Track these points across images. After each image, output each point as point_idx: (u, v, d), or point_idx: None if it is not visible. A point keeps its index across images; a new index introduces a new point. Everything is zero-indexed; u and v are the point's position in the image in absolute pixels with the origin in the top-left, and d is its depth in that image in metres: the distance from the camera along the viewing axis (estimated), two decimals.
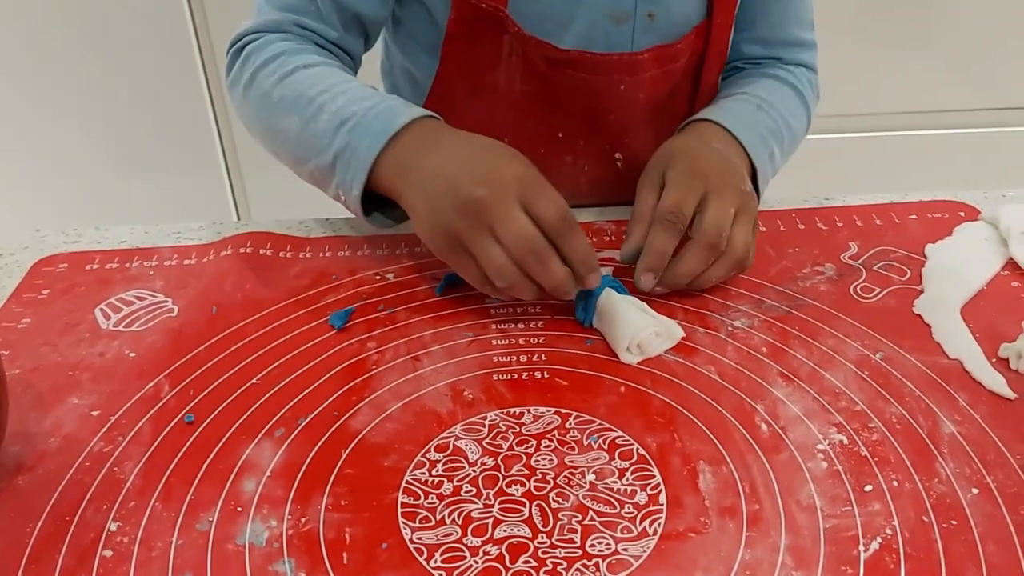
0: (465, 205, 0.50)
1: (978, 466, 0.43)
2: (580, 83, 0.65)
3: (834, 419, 0.46)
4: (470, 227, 0.50)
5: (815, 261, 0.59)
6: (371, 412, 0.48)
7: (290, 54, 0.61)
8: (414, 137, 0.55)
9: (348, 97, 0.57)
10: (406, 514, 0.42)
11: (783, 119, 0.66)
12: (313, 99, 0.57)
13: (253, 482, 0.44)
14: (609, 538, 0.40)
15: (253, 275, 0.60)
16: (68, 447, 0.46)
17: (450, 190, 0.51)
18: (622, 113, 0.67)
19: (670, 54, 0.65)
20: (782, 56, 0.72)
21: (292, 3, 0.64)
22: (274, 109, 0.60)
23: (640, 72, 0.65)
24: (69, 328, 0.55)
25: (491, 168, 0.51)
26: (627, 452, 0.45)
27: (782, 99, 0.68)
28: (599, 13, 0.63)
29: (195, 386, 0.50)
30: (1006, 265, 0.58)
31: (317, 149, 0.57)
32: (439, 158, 0.53)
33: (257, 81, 0.61)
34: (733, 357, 0.51)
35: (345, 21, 0.65)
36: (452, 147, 0.54)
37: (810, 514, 0.41)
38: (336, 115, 0.56)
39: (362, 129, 0.55)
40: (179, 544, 0.41)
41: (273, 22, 0.64)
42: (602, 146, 0.69)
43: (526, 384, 0.50)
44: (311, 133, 0.57)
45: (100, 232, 0.66)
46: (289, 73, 0.60)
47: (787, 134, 0.66)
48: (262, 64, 0.61)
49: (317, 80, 0.59)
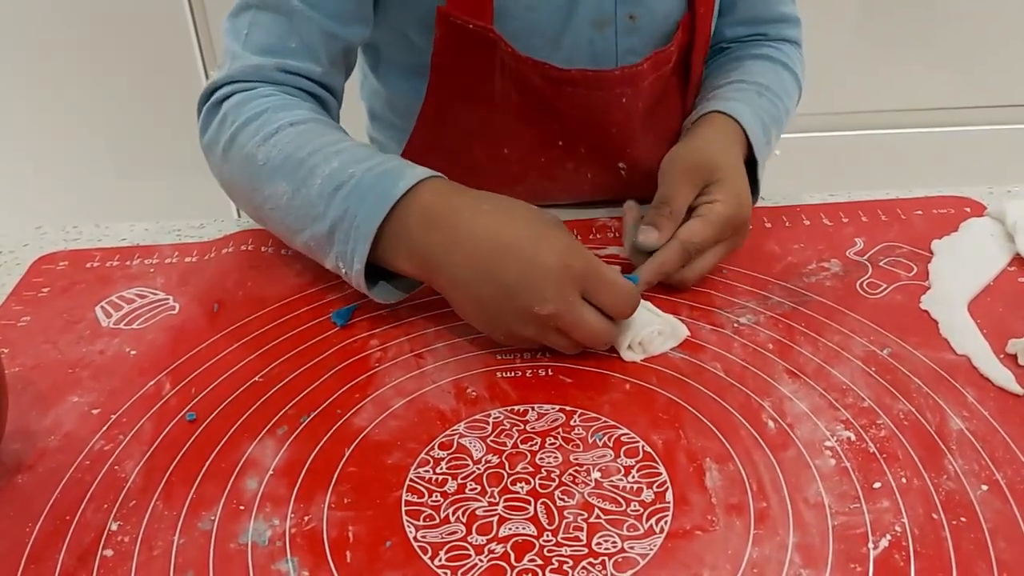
0: (532, 320, 0.48)
1: (987, 462, 0.43)
2: (579, 99, 0.64)
3: (841, 416, 0.46)
4: (539, 333, 0.49)
5: (820, 257, 0.59)
6: (374, 410, 0.47)
7: (275, 110, 0.56)
8: (420, 208, 0.50)
9: (344, 158, 0.52)
10: (410, 512, 0.41)
11: (782, 103, 0.67)
12: (304, 161, 0.52)
13: (255, 480, 0.43)
14: (615, 536, 0.40)
15: (255, 272, 0.59)
16: (68, 445, 0.46)
17: (508, 303, 0.47)
18: (623, 125, 0.66)
19: (665, 57, 0.65)
20: (767, 33, 0.71)
21: (270, 44, 0.58)
22: (259, 173, 0.54)
23: (640, 82, 0.64)
24: (69, 326, 0.55)
25: (546, 271, 0.47)
26: (633, 450, 0.45)
27: (779, 82, 0.68)
28: (583, 21, 0.62)
29: (196, 384, 0.50)
30: (1013, 260, 0.57)
31: (312, 217, 0.52)
32: (470, 253, 0.48)
33: (238, 142, 0.55)
34: (739, 354, 0.51)
35: (332, 56, 0.60)
36: (482, 232, 0.48)
37: (818, 511, 0.41)
38: (331, 178, 0.51)
39: (361, 194, 0.50)
40: (181, 543, 0.40)
41: (251, 68, 0.58)
42: (604, 156, 0.68)
43: (530, 382, 0.49)
44: (303, 199, 0.52)
45: (100, 229, 0.65)
46: (274, 132, 0.54)
47: (784, 118, 0.67)
48: (244, 123, 0.56)
49: (308, 139, 0.54)
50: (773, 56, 0.70)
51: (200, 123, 0.60)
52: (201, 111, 0.60)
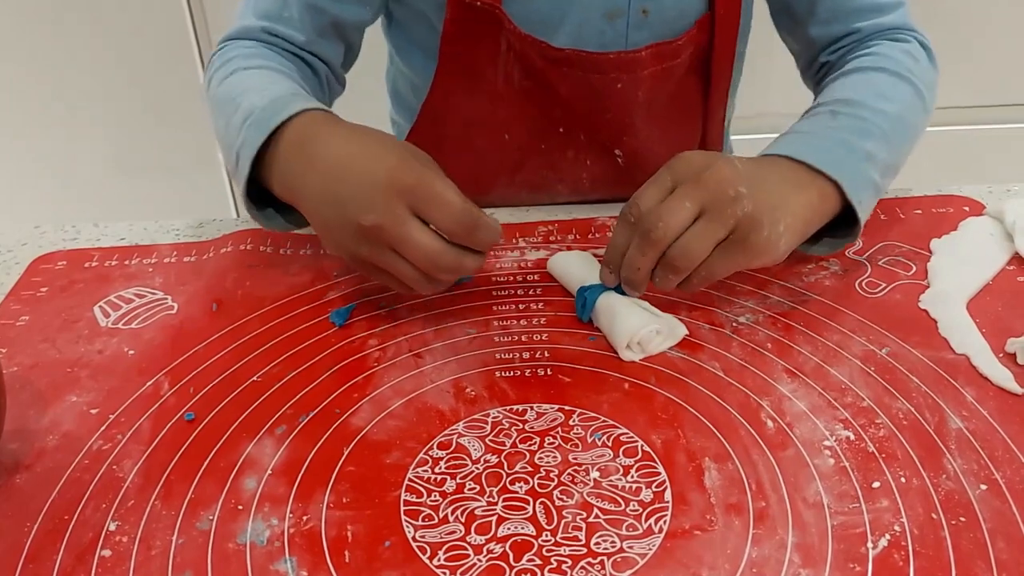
0: (360, 233, 0.48)
1: (986, 462, 0.43)
2: (577, 81, 0.64)
3: (840, 415, 0.46)
4: (372, 251, 0.49)
5: (820, 256, 0.59)
6: (373, 409, 0.47)
7: (240, 58, 0.61)
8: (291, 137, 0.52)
9: (262, 94, 0.55)
10: (409, 512, 0.41)
11: (873, 111, 0.56)
12: (234, 99, 0.57)
13: (254, 480, 0.43)
14: (614, 536, 0.40)
15: (253, 272, 0.59)
16: (67, 445, 0.46)
17: (341, 218, 0.48)
18: (620, 111, 0.66)
19: (670, 51, 0.64)
20: (859, 28, 0.64)
21: (267, 9, 0.63)
22: (213, 111, 0.60)
23: (638, 70, 0.64)
24: (68, 325, 0.55)
25: (374, 182, 0.47)
26: (631, 449, 0.45)
27: (867, 90, 0.59)
28: (593, 11, 0.63)
29: (195, 383, 0.50)
30: (1012, 259, 0.57)
31: (228, 146, 0.56)
32: (316, 177, 0.50)
33: (211, 86, 0.62)
34: (738, 353, 0.51)
35: (320, 27, 0.64)
36: (332, 154, 0.50)
37: (817, 511, 0.41)
38: (242, 112, 0.55)
39: (255, 125, 0.53)
40: (179, 543, 0.40)
41: (244, 28, 0.64)
42: (602, 142, 0.68)
43: (529, 381, 0.49)
44: (227, 132, 0.56)
45: (99, 229, 0.65)
46: (228, 75, 0.60)
47: (887, 123, 0.56)
48: (216, 68, 0.62)
49: (249, 82, 0.58)
50: (858, 67, 0.61)
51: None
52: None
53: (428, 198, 0.47)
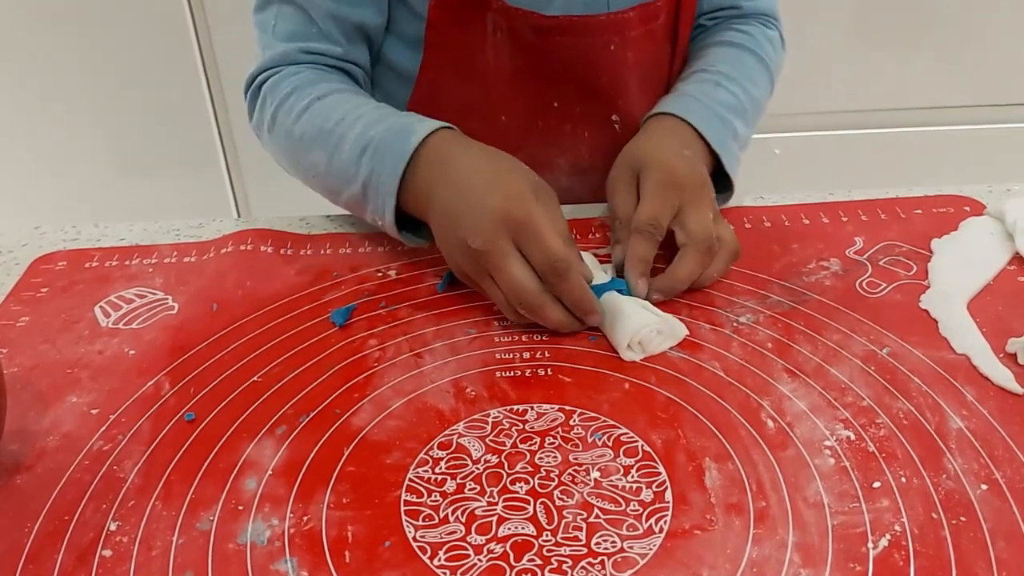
0: (467, 253, 0.51)
1: (987, 461, 0.43)
2: (570, 49, 0.65)
3: (841, 415, 0.46)
4: (474, 270, 0.52)
5: (820, 256, 0.59)
6: (373, 410, 0.47)
7: (303, 87, 0.62)
8: (429, 158, 0.55)
9: (365, 122, 0.58)
10: (409, 512, 0.41)
11: (744, 91, 0.66)
12: (332, 130, 0.59)
13: (254, 480, 0.43)
14: (615, 536, 0.40)
15: (254, 272, 0.59)
16: (67, 445, 0.46)
17: (454, 235, 0.52)
18: (614, 74, 0.67)
19: (653, 11, 0.66)
20: (741, 5, 0.72)
21: (294, 30, 0.64)
22: (299, 146, 0.61)
23: (626, 31, 0.65)
24: (68, 326, 0.55)
25: (489, 209, 0.50)
26: (632, 449, 0.45)
27: (741, 68, 0.68)
28: None
29: (195, 384, 0.50)
30: (1012, 259, 0.57)
31: (346, 179, 0.58)
32: (446, 190, 0.53)
33: (278, 121, 0.63)
34: (738, 353, 0.51)
35: (347, 34, 0.65)
36: (463, 172, 0.53)
37: (818, 511, 0.41)
38: (356, 143, 0.57)
39: (381, 154, 0.56)
40: (179, 543, 0.40)
41: (280, 54, 0.64)
42: (598, 110, 0.69)
43: (529, 381, 0.49)
44: (338, 165, 0.58)
45: (100, 229, 0.65)
46: (305, 108, 0.61)
47: (750, 105, 0.66)
48: (279, 103, 0.62)
49: (332, 110, 0.60)
50: (739, 42, 0.70)
51: (247, 108, 0.67)
52: (246, 99, 0.67)
53: (531, 236, 0.50)
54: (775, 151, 1.58)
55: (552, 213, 0.52)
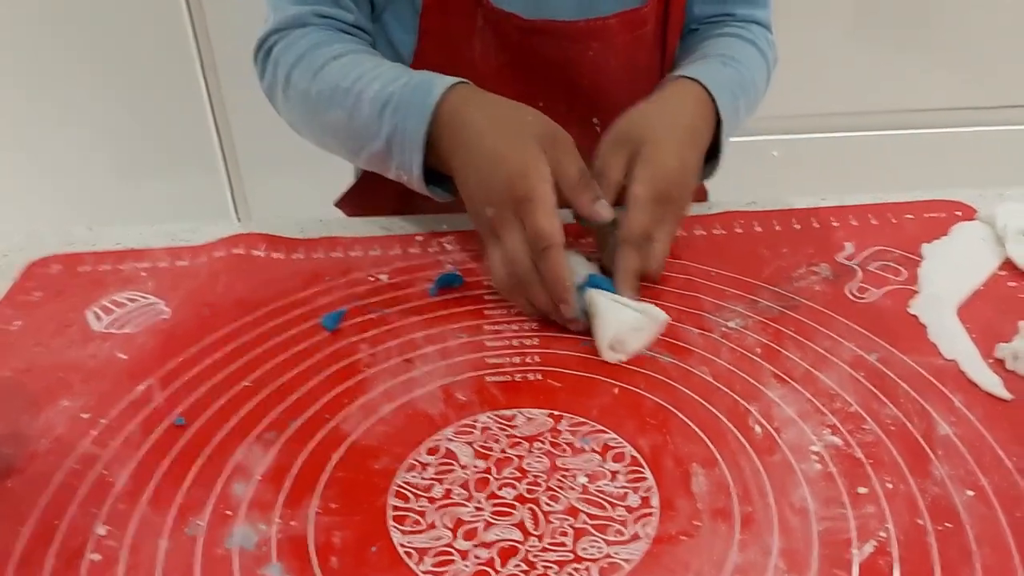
0: (480, 216, 0.55)
1: (973, 468, 0.43)
2: (551, 51, 0.66)
3: (828, 420, 0.46)
4: (485, 233, 0.55)
5: (810, 261, 0.59)
6: (362, 415, 0.48)
7: (316, 47, 0.62)
8: (445, 118, 0.56)
9: (383, 80, 0.59)
10: (396, 517, 0.42)
11: (748, 73, 0.68)
12: (350, 89, 0.59)
13: (243, 485, 0.44)
14: (601, 541, 0.40)
15: (245, 276, 0.59)
16: (58, 449, 0.46)
17: (471, 199, 0.55)
18: (595, 78, 0.68)
19: (638, 19, 0.66)
20: (735, 13, 0.73)
21: None
22: (316, 106, 0.61)
23: (608, 38, 0.66)
24: (61, 330, 0.55)
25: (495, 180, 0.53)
26: (619, 454, 0.45)
27: (745, 55, 0.69)
28: None
29: (186, 388, 0.50)
30: (1003, 264, 0.57)
31: (368, 136, 0.59)
32: (462, 152, 0.55)
33: (293, 82, 0.63)
34: (727, 358, 0.51)
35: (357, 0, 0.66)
36: (470, 140, 0.55)
37: (803, 517, 0.41)
38: (376, 100, 0.58)
39: (404, 110, 0.57)
40: (167, 548, 0.40)
41: (292, 16, 0.65)
42: (580, 112, 0.69)
43: (519, 386, 0.49)
44: (358, 122, 0.59)
45: (94, 233, 0.65)
46: (321, 67, 0.61)
47: (751, 88, 0.68)
48: (293, 63, 0.63)
49: (349, 69, 0.60)
50: (740, 34, 0.71)
51: (258, 72, 0.67)
52: (256, 62, 0.67)
53: (527, 212, 0.51)
54: (773, 153, 1.58)
55: (566, 159, 0.54)
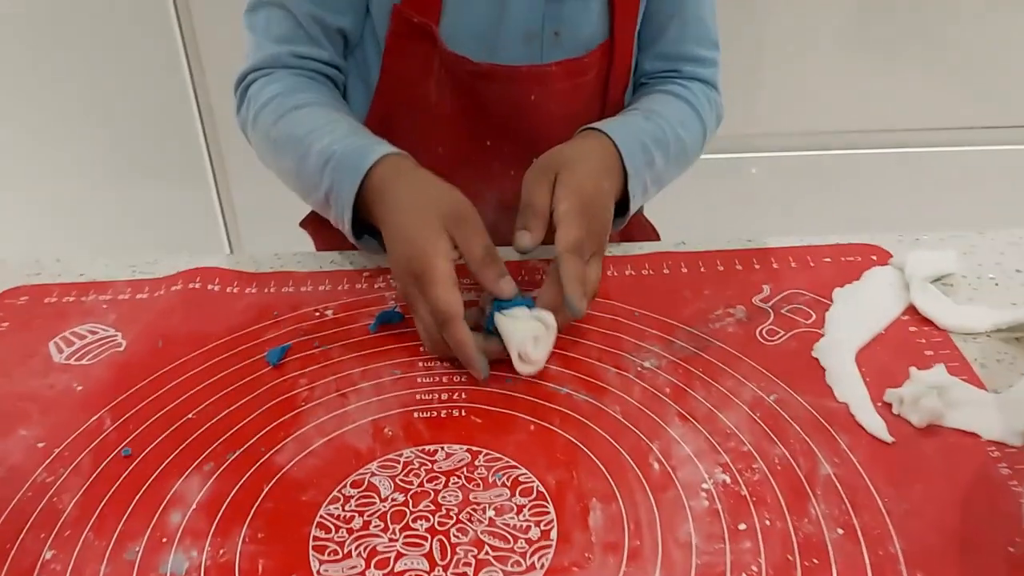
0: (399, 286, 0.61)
1: (847, 507, 0.47)
2: (498, 93, 0.71)
3: (721, 459, 0.50)
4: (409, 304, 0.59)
5: (728, 303, 0.63)
6: (295, 448, 0.52)
7: (285, 94, 0.68)
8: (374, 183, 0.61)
9: (332, 136, 0.64)
10: (316, 547, 0.46)
11: (671, 129, 0.71)
12: (302, 139, 0.65)
13: (179, 514, 0.47)
14: (499, 572, 0.44)
15: (199, 310, 0.63)
16: (13, 477, 0.50)
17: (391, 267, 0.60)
18: (536, 121, 0.73)
19: (578, 68, 0.71)
20: (680, 69, 0.77)
21: (285, 33, 0.69)
22: (274, 149, 0.68)
23: (549, 83, 0.71)
24: (24, 360, 0.59)
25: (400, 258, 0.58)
26: (528, 489, 0.49)
27: (673, 111, 0.73)
28: (514, 32, 0.70)
29: (135, 420, 0.54)
30: (907, 310, 0.61)
31: (312, 186, 0.64)
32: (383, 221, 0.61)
33: (259, 121, 0.68)
34: (638, 397, 0.55)
35: (331, 38, 0.71)
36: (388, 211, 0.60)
37: (685, 551, 0.45)
38: (321, 154, 0.63)
39: (340, 170, 0.62)
40: (107, 572, 0.44)
41: (271, 56, 0.70)
42: (522, 151, 0.73)
43: (443, 422, 0.53)
44: (305, 172, 0.64)
45: (61, 264, 0.69)
46: (283, 115, 0.67)
47: (675, 143, 0.71)
48: (262, 105, 0.68)
49: (306, 120, 0.66)
50: (676, 91, 0.75)
51: (235, 105, 0.73)
52: (235, 95, 0.72)
53: (424, 288, 0.56)
54: (752, 170, 1.63)
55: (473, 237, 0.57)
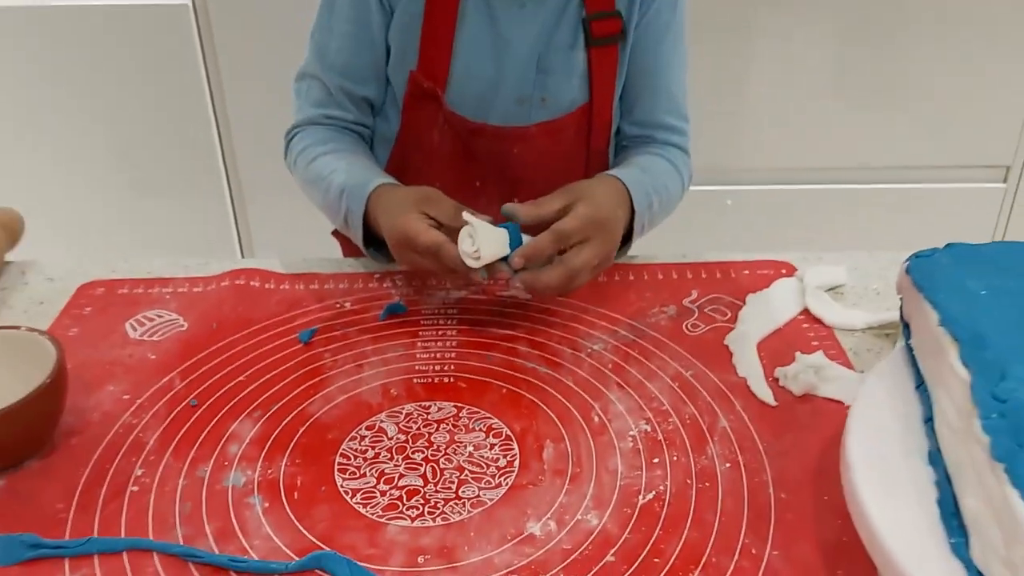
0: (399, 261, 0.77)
1: (736, 449, 0.63)
2: (487, 146, 0.89)
3: (645, 415, 0.66)
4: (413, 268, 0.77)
5: (663, 303, 0.79)
6: (322, 402, 0.68)
7: (315, 144, 0.87)
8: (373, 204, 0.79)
9: (347, 174, 0.82)
10: (340, 469, 0.61)
11: (661, 181, 0.86)
12: (326, 178, 0.83)
13: (236, 446, 0.63)
14: (475, 487, 0.60)
15: (244, 301, 0.79)
16: (106, 419, 0.66)
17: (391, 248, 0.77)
18: (518, 170, 0.90)
19: (556, 127, 0.88)
20: (654, 136, 0.91)
21: (319, 99, 0.89)
22: (307, 185, 0.87)
23: (529, 140, 0.88)
24: (106, 336, 0.75)
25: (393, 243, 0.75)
26: (498, 433, 0.64)
27: (660, 168, 0.88)
28: (508, 97, 0.87)
29: (199, 380, 0.70)
30: (802, 312, 0.77)
31: (335, 212, 0.83)
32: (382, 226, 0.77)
33: (297, 166, 0.88)
34: (587, 371, 0.71)
35: (357, 104, 0.89)
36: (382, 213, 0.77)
37: (612, 475, 0.60)
38: (339, 187, 0.81)
39: (351, 198, 0.80)
40: (184, 484, 0.60)
41: (308, 117, 0.90)
42: (504, 192, 0.90)
43: (436, 386, 0.69)
44: (329, 202, 0.83)
45: (129, 264, 0.86)
46: (313, 159, 0.86)
47: (664, 193, 0.86)
48: (300, 152, 0.88)
49: (330, 162, 0.85)
50: (659, 153, 0.90)
51: (283, 152, 0.92)
52: (285, 143, 0.92)
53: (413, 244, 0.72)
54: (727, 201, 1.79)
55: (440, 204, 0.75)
